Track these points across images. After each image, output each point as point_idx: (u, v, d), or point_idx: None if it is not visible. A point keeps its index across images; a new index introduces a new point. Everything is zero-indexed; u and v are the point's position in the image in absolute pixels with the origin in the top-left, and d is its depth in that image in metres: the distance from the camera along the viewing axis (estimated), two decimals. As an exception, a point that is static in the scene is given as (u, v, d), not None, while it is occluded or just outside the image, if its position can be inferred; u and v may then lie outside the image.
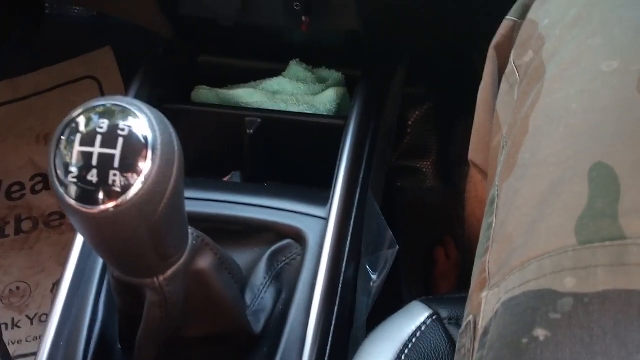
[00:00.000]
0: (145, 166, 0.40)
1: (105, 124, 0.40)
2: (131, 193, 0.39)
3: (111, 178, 0.39)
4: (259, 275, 0.63)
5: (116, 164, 0.40)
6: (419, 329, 0.56)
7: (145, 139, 0.40)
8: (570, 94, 0.40)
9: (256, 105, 0.83)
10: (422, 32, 0.86)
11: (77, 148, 0.40)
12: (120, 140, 0.40)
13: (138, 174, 0.40)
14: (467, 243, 0.73)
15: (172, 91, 0.85)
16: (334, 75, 0.87)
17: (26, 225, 1.24)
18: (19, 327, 1.14)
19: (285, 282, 0.64)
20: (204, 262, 0.51)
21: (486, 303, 0.39)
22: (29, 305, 1.16)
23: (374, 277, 0.71)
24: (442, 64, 1.14)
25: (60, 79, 1.38)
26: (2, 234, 1.23)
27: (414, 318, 0.57)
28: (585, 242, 0.34)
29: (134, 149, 0.40)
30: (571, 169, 0.37)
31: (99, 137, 0.40)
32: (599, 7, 0.43)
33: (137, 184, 0.40)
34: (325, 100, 0.82)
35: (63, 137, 0.40)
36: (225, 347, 0.58)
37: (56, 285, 1.13)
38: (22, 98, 1.37)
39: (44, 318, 1.14)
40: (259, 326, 0.60)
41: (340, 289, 0.64)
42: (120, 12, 0.97)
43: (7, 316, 1.14)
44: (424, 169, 1.21)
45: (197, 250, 0.50)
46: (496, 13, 0.53)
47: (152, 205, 0.41)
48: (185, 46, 0.90)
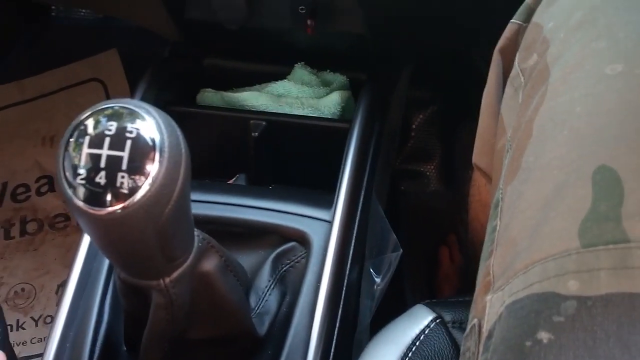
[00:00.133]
0: (153, 168, 0.40)
1: (113, 126, 0.40)
2: (139, 195, 0.40)
3: (119, 180, 0.40)
4: (264, 278, 0.63)
5: (124, 166, 0.40)
6: (422, 332, 0.56)
7: (153, 141, 0.40)
8: (574, 97, 0.40)
9: (261, 108, 0.83)
10: (427, 36, 0.86)
11: (86, 150, 0.40)
12: (129, 143, 0.40)
13: (146, 176, 0.40)
14: (470, 247, 0.73)
15: (178, 94, 0.85)
16: (338, 78, 0.87)
17: (31, 227, 1.24)
18: (23, 328, 1.14)
19: (289, 284, 0.64)
20: (210, 264, 0.51)
21: (490, 306, 0.38)
22: (33, 307, 1.16)
23: (377, 280, 0.71)
24: (446, 67, 1.14)
25: (66, 81, 1.38)
26: (7, 236, 1.24)
27: (417, 321, 0.57)
28: (588, 245, 0.34)
29: (141, 151, 0.40)
30: (575, 172, 0.37)
31: (107, 140, 0.40)
32: (603, 11, 0.43)
33: (145, 186, 0.40)
34: (329, 104, 0.82)
35: (72, 139, 0.41)
36: (229, 350, 0.58)
37: (61, 286, 1.15)
38: (28, 100, 1.38)
39: (48, 320, 1.15)
40: (263, 329, 0.60)
41: (344, 292, 0.64)
42: (127, 15, 0.97)
43: (12, 318, 1.14)
44: (427, 173, 1.21)
45: (203, 253, 0.50)
46: (501, 16, 0.53)
47: (159, 207, 0.41)
48: (191, 49, 0.90)
